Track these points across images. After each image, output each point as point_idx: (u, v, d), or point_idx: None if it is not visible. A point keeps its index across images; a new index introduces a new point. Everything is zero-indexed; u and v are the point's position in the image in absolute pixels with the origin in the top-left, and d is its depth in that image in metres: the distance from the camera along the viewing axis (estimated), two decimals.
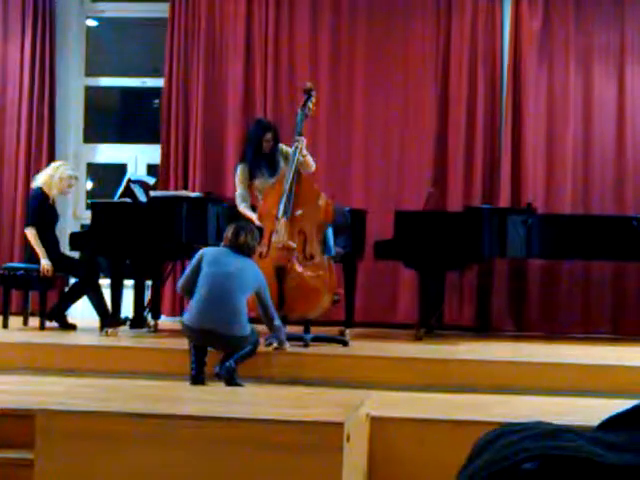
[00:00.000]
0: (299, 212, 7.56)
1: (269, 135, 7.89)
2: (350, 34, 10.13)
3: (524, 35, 9.89)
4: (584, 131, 9.80)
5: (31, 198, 8.86)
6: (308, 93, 7.85)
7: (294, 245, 7.47)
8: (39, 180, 8.81)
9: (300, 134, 7.72)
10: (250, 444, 4.67)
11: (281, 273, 7.31)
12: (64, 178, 8.77)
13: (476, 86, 9.90)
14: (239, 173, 7.99)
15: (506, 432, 1.71)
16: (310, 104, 7.83)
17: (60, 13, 10.60)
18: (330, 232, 7.68)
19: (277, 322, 6.92)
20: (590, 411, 5.87)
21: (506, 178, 9.75)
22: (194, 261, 6.83)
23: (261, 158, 7.90)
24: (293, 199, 7.57)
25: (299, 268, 7.42)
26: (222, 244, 6.94)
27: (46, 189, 8.72)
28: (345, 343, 7.73)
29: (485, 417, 5.62)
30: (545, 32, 9.87)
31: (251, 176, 7.90)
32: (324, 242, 7.62)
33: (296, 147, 7.67)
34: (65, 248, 8.98)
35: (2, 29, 10.53)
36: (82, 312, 9.35)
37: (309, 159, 7.80)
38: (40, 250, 8.55)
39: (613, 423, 1.76)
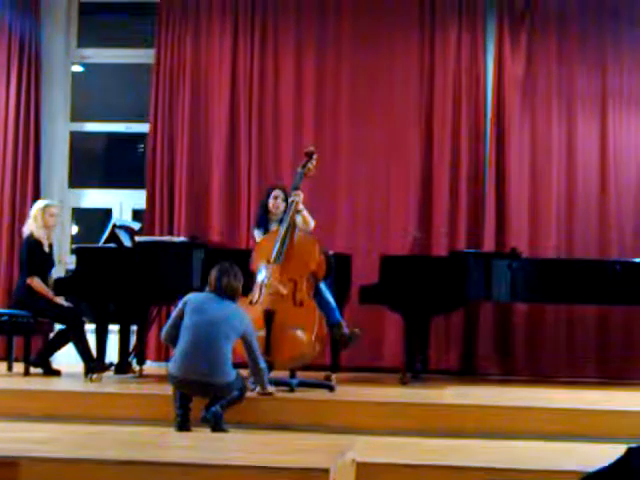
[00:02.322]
0: (291, 260, 7.60)
1: (277, 192, 8.03)
2: (334, 80, 10.20)
3: (507, 80, 9.97)
4: (567, 176, 9.87)
5: (23, 248, 8.80)
6: (309, 156, 7.98)
7: (285, 291, 7.50)
8: (26, 228, 8.80)
9: (296, 188, 7.80)
10: None
11: (269, 317, 7.31)
12: (41, 212, 8.74)
13: (460, 131, 9.97)
14: (255, 236, 8.12)
15: None
16: (310, 165, 7.94)
17: (45, 59, 10.64)
18: (323, 284, 7.77)
19: (262, 364, 6.88)
20: (577, 456, 5.88)
21: (490, 223, 9.79)
22: (177, 310, 6.82)
23: (270, 219, 8.04)
24: (286, 247, 7.62)
25: (288, 314, 7.42)
26: (207, 289, 6.93)
27: (36, 233, 8.69)
28: (331, 388, 7.71)
29: (471, 462, 5.61)
30: (528, 77, 9.96)
31: (265, 233, 7.99)
32: (316, 292, 7.68)
33: (292, 201, 7.74)
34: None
35: None
36: (67, 358, 9.30)
37: (307, 216, 7.92)
38: (48, 292, 8.53)
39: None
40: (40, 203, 8.93)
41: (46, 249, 8.75)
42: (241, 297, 7.19)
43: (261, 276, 7.62)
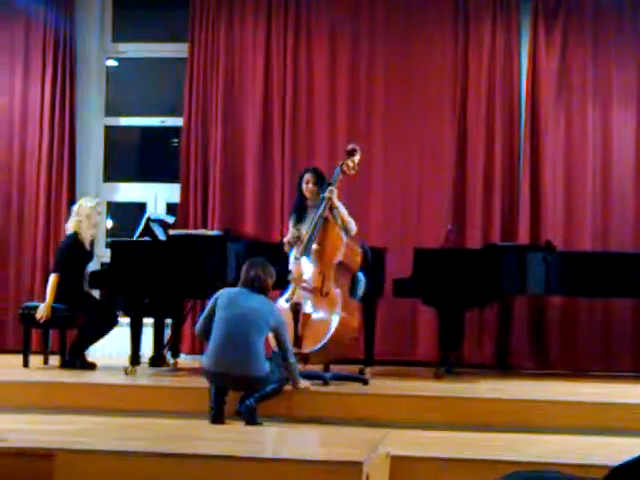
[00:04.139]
0: (320, 253, 7.61)
1: (307, 176, 7.89)
2: (369, 76, 10.18)
3: (541, 76, 9.92)
4: (602, 171, 9.80)
5: (63, 244, 8.87)
6: (348, 154, 7.90)
7: (313, 284, 7.51)
8: (70, 226, 8.81)
9: (330, 185, 7.76)
10: None
11: (297, 311, 7.33)
12: (90, 214, 8.79)
13: (494, 126, 9.92)
14: (289, 221, 8.07)
15: None
16: (350, 162, 7.85)
17: (80, 54, 10.70)
18: (360, 276, 7.74)
19: (291, 359, 6.88)
20: (612, 450, 5.84)
21: (525, 215, 9.75)
22: (209, 305, 6.89)
23: (306, 204, 7.92)
24: (315, 241, 7.62)
25: (315, 305, 7.43)
26: (239, 285, 6.97)
27: (83, 233, 8.73)
28: (365, 382, 7.72)
29: (506, 456, 5.59)
30: (562, 72, 9.90)
31: (297, 221, 7.92)
32: (353, 284, 7.68)
33: (324, 197, 7.71)
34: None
35: (23, 69, 10.63)
36: (102, 350, 9.39)
37: (346, 217, 7.78)
38: (51, 297, 8.57)
39: (627, 471, 1.74)
40: (89, 201, 8.94)
41: (87, 247, 8.80)
42: (278, 295, 7.27)
43: (292, 272, 7.65)
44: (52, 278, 8.62)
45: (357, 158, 7.90)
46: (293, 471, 4.70)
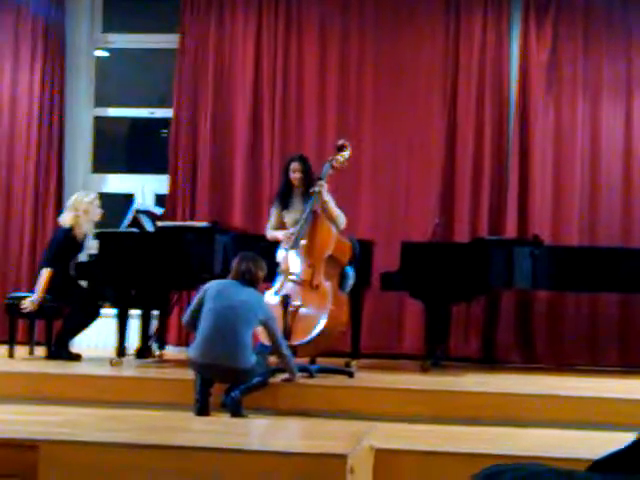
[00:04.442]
0: (310, 247, 7.63)
1: (293, 165, 7.88)
2: (359, 70, 10.16)
3: (532, 68, 9.92)
4: (591, 164, 9.81)
5: (56, 238, 8.79)
6: (338, 149, 7.94)
7: (303, 277, 7.53)
8: (67, 220, 8.71)
9: (320, 179, 7.77)
10: (253, 475, 4.66)
11: (286, 303, 7.34)
12: (88, 209, 8.73)
13: (483, 119, 9.92)
14: (272, 206, 8.06)
15: (496, 473, 1.70)
16: (339, 157, 7.87)
17: (70, 44, 10.67)
18: (349, 269, 7.77)
19: (285, 351, 6.91)
20: (597, 445, 5.85)
21: (513, 209, 9.75)
22: (198, 295, 6.90)
23: (292, 191, 7.92)
24: (305, 234, 7.64)
25: (303, 298, 7.44)
26: (229, 277, 6.97)
27: (77, 229, 8.69)
28: (351, 374, 7.73)
29: (491, 450, 5.60)
30: (553, 65, 9.90)
31: (282, 207, 7.92)
32: (342, 277, 7.70)
33: (314, 191, 7.71)
34: None
35: (12, 59, 10.59)
36: (87, 341, 9.37)
37: (334, 211, 7.78)
38: (42, 291, 8.54)
39: (608, 463, 1.75)
40: (87, 195, 8.88)
41: (80, 241, 8.75)
42: (268, 287, 7.27)
43: (281, 264, 7.66)
44: (45, 273, 8.55)
45: (347, 154, 7.93)
46: (278, 463, 4.71)
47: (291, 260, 7.65)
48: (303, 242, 7.63)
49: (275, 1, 10.30)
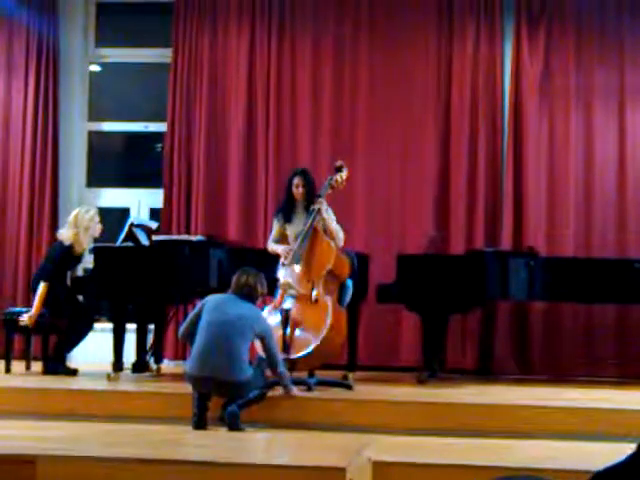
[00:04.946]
0: (309, 262, 7.66)
1: (296, 180, 7.92)
2: (352, 80, 10.18)
3: (525, 79, 9.94)
4: (585, 174, 9.83)
5: (55, 253, 8.74)
6: (337, 170, 7.99)
7: (302, 291, 7.55)
8: (67, 237, 8.68)
9: (319, 196, 7.81)
10: None
11: (286, 317, 7.34)
12: (89, 226, 8.71)
13: (477, 131, 9.94)
14: (274, 219, 8.08)
15: None
16: (338, 178, 7.92)
17: (64, 58, 10.67)
18: (349, 283, 7.80)
19: (280, 369, 6.91)
20: (595, 456, 5.85)
21: (508, 221, 9.77)
22: (196, 309, 6.92)
23: (294, 205, 7.95)
24: (305, 249, 7.67)
25: (302, 312, 7.45)
26: (229, 291, 6.99)
27: (77, 245, 8.67)
28: (349, 387, 7.73)
29: (489, 461, 5.60)
30: (546, 76, 9.92)
31: (285, 221, 7.94)
32: (341, 291, 7.73)
33: (313, 209, 7.74)
34: None
35: (6, 74, 10.60)
36: (84, 356, 9.35)
37: (333, 228, 7.79)
38: (39, 306, 8.53)
39: (609, 475, 1.75)
40: (87, 211, 8.84)
41: (78, 254, 8.73)
42: (268, 302, 7.27)
43: (281, 279, 7.68)
44: (42, 287, 8.53)
45: (345, 174, 7.99)
46: (276, 477, 4.70)
47: (291, 275, 7.66)
48: (304, 256, 7.65)
49: (268, 14, 10.32)
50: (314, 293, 7.55)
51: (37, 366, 8.69)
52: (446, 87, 10.05)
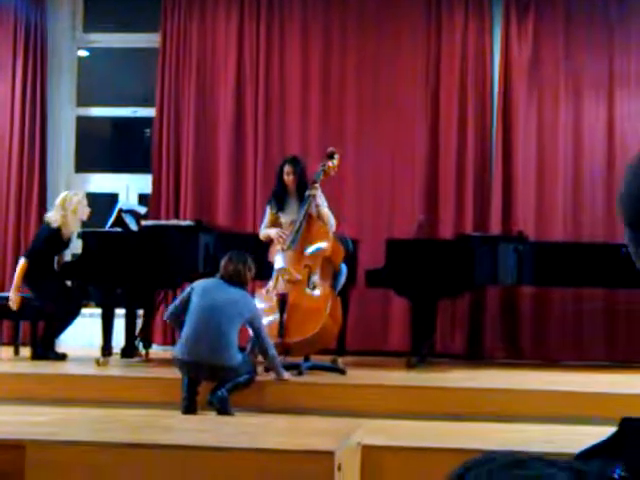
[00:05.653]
0: (306, 247, 7.67)
1: (287, 167, 7.91)
2: (341, 66, 10.17)
3: (514, 66, 9.94)
4: (574, 160, 9.84)
5: (41, 234, 8.69)
6: (328, 156, 8.00)
7: (299, 277, 7.54)
8: (54, 220, 8.60)
9: (314, 182, 7.81)
10: (240, 473, 4.65)
11: (283, 301, 7.34)
12: (77, 208, 8.66)
13: (466, 115, 9.94)
14: (267, 207, 8.07)
15: (475, 465, 1.69)
16: (331, 164, 7.93)
17: (52, 43, 10.63)
18: (343, 269, 7.80)
19: (271, 352, 6.90)
20: (583, 439, 5.86)
21: (497, 206, 9.78)
22: (184, 293, 6.91)
23: (286, 193, 7.94)
24: (301, 235, 7.67)
25: (301, 298, 7.46)
26: (217, 275, 6.97)
27: (65, 228, 8.62)
28: (342, 371, 7.73)
29: (478, 445, 5.60)
30: (534, 63, 9.92)
31: (278, 209, 7.93)
32: (334, 277, 7.73)
33: (308, 195, 7.74)
34: None
35: None
36: (73, 341, 9.34)
37: (326, 214, 7.81)
38: (18, 282, 8.50)
39: (591, 452, 1.74)
40: (75, 194, 8.79)
41: (66, 238, 8.70)
42: (258, 287, 7.25)
43: (277, 264, 7.67)
44: (21, 263, 8.52)
45: (337, 161, 7.99)
46: (266, 461, 4.70)
47: (287, 260, 7.66)
48: (299, 243, 7.65)
49: (257, 0, 10.29)
50: (313, 279, 7.56)
51: (26, 351, 8.67)
52: (435, 74, 10.04)
